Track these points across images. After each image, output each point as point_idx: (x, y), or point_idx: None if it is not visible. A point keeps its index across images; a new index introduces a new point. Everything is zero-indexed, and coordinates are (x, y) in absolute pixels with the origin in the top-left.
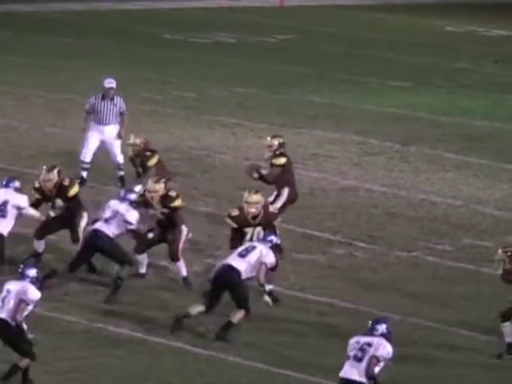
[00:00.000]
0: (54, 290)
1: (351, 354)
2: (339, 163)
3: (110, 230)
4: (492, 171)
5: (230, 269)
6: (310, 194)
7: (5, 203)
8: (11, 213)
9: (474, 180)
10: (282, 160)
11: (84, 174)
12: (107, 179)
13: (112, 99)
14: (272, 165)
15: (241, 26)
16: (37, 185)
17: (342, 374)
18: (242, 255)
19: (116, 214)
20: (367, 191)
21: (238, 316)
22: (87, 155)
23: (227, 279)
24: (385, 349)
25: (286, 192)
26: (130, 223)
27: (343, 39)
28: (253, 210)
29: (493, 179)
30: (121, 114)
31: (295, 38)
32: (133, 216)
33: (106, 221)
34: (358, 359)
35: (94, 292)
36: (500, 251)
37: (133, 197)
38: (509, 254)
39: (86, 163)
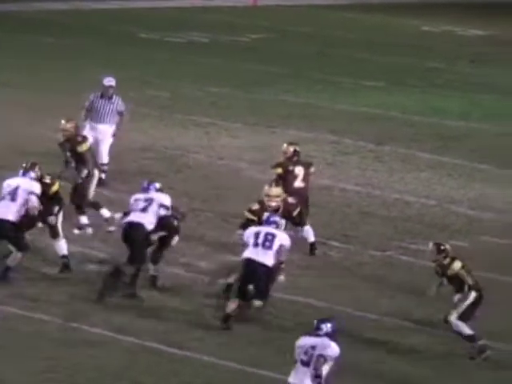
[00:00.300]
0: (27, 288)
1: (298, 358)
2: (313, 163)
3: (147, 219)
4: (466, 171)
5: (259, 265)
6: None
7: (17, 188)
8: (21, 197)
9: (447, 180)
10: (279, 170)
11: (102, 175)
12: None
13: (110, 98)
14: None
15: (214, 25)
16: None
17: (291, 379)
18: (267, 247)
19: (151, 201)
20: (341, 190)
21: (257, 303)
22: (104, 157)
23: (256, 275)
24: (330, 348)
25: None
26: (166, 206)
27: (318, 39)
28: (273, 204)
29: (466, 179)
30: (118, 113)
31: (269, 38)
32: (167, 199)
33: (143, 210)
34: (305, 363)
35: (67, 291)
36: (431, 243)
37: (157, 185)
38: (437, 246)
39: (105, 163)
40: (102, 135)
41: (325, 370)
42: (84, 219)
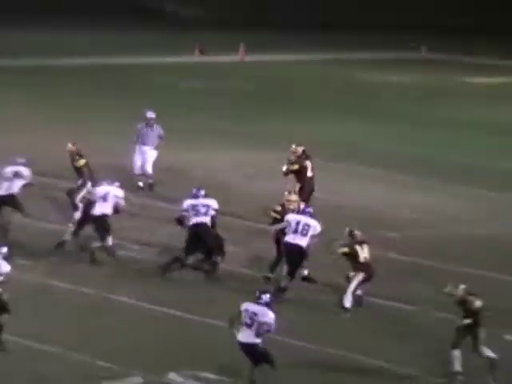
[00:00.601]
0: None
1: (244, 321)
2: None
3: (207, 220)
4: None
5: (297, 246)
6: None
7: (107, 193)
8: (111, 200)
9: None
10: (296, 166)
11: (140, 183)
12: None
13: (152, 126)
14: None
15: (213, 74)
16: None
17: (240, 338)
18: (303, 234)
19: (208, 207)
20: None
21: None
22: (137, 169)
23: (298, 255)
24: (268, 316)
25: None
26: (217, 209)
27: (287, 85)
28: (292, 207)
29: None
30: (159, 137)
31: (252, 84)
32: (215, 203)
33: (205, 214)
34: (249, 325)
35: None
36: (347, 229)
37: (203, 192)
38: (349, 232)
39: (139, 174)
40: (147, 155)
41: (265, 328)
42: (77, 215)
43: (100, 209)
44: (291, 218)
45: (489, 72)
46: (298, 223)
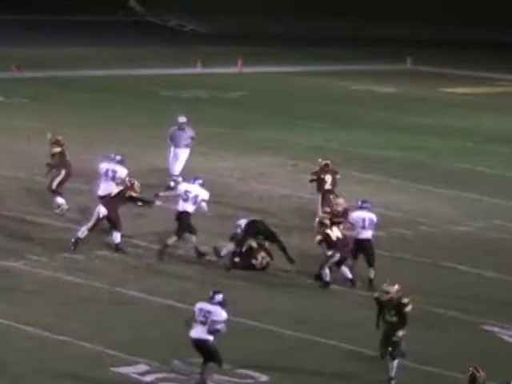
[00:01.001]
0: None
1: (198, 319)
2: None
3: (192, 209)
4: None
5: (368, 240)
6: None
7: (196, 196)
8: (194, 201)
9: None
10: (314, 177)
11: (171, 183)
12: None
13: (183, 129)
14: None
15: (214, 85)
16: None
17: (192, 334)
18: (371, 228)
19: (197, 196)
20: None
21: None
22: (173, 169)
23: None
24: (221, 315)
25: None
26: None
27: (282, 95)
28: (340, 209)
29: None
30: (191, 138)
31: (249, 94)
32: (207, 194)
33: (194, 203)
34: (203, 323)
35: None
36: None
37: (200, 181)
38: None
39: (175, 175)
40: (179, 155)
41: (218, 327)
42: (59, 200)
43: (182, 206)
44: (356, 217)
45: (471, 83)
46: (364, 220)
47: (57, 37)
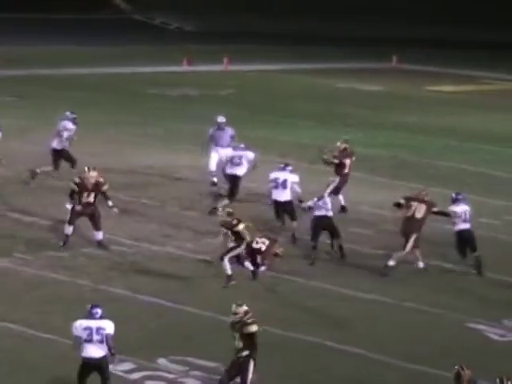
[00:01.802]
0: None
1: (92, 338)
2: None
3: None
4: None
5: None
6: None
7: (285, 180)
8: (288, 186)
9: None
10: (336, 161)
11: (214, 179)
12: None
13: (223, 129)
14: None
15: (200, 83)
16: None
17: (87, 354)
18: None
19: (241, 157)
20: None
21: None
22: (212, 166)
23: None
24: (111, 327)
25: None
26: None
27: (267, 93)
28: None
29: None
30: (231, 137)
31: (235, 92)
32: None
33: (238, 164)
34: (101, 341)
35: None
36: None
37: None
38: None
39: (213, 171)
40: (221, 153)
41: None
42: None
43: (275, 195)
44: (460, 210)
45: (457, 81)
46: (465, 213)
47: (41, 35)
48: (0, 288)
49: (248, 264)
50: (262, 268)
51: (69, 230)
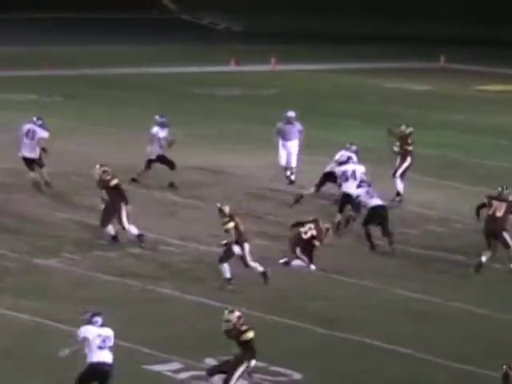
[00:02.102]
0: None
1: (105, 345)
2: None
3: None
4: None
5: None
6: None
7: (354, 171)
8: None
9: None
10: (410, 148)
11: (292, 177)
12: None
13: (292, 123)
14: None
15: (248, 83)
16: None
17: (100, 359)
18: None
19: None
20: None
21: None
22: (282, 161)
23: None
24: (112, 334)
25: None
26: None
27: (312, 93)
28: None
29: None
30: (299, 132)
31: (282, 91)
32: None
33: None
34: (111, 348)
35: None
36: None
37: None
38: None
39: (287, 166)
40: (290, 148)
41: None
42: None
43: (344, 188)
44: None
45: (505, 81)
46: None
47: (90, 35)
48: (48, 288)
49: (256, 265)
50: (312, 267)
51: (109, 230)
